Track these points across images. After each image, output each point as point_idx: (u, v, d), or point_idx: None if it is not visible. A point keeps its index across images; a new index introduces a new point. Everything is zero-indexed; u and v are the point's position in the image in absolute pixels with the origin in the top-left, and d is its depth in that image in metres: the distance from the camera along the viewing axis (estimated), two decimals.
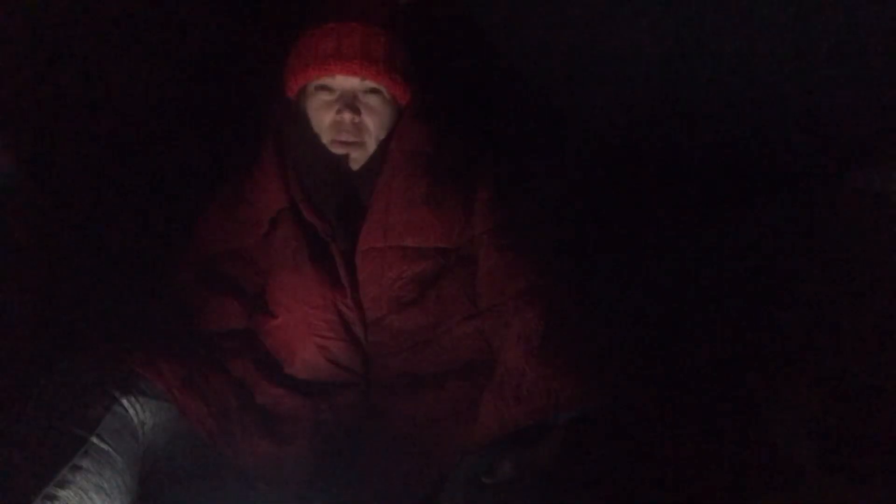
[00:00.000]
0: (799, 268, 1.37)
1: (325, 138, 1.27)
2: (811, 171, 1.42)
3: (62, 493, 0.96)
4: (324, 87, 1.27)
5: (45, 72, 1.22)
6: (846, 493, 1.05)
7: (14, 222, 1.16)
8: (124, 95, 1.37)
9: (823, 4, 1.20)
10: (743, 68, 1.33)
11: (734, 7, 1.24)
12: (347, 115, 1.24)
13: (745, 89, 1.37)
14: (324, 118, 1.27)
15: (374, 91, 1.27)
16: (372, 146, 1.28)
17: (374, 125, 1.27)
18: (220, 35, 1.46)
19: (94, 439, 1.01)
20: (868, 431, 1.13)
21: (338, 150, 1.27)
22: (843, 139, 1.39)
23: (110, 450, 1.02)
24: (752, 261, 1.43)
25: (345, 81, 1.26)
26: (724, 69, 1.34)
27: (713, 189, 1.49)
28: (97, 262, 1.32)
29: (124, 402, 1.06)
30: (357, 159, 1.28)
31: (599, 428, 1.02)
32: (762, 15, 1.23)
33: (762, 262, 1.42)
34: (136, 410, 1.08)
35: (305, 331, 1.21)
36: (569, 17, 1.38)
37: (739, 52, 1.30)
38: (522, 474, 0.99)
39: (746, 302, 1.38)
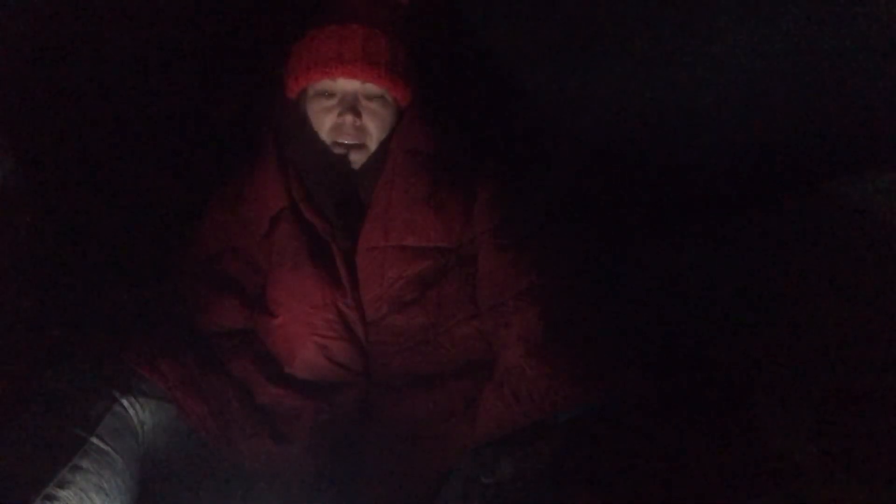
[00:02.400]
0: (799, 270, 1.37)
1: (326, 139, 1.27)
2: (810, 176, 1.42)
3: (62, 493, 0.96)
4: (325, 89, 1.27)
5: (45, 72, 1.22)
6: (846, 493, 1.05)
7: (14, 222, 1.16)
8: (124, 95, 1.37)
9: (811, 16, 1.20)
10: (735, 78, 1.33)
11: (728, 13, 1.25)
12: (349, 118, 1.24)
13: (738, 98, 1.37)
14: (325, 120, 1.27)
15: (375, 93, 1.27)
16: (373, 147, 1.28)
17: (375, 127, 1.27)
18: (222, 35, 1.46)
19: (94, 439, 1.01)
20: (868, 431, 1.13)
21: (338, 151, 1.27)
22: (832, 148, 1.39)
23: (110, 450, 1.03)
24: (752, 262, 1.43)
25: (346, 84, 1.26)
26: (721, 74, 1.34)
27: (712, 192, 1.49)
28: (97, 262, 1.32)
29: (124, 402, 1.07)
30: (358, 160, 1.28)
31: (599, 428, 1.02)
32: (754, 22, 1.24)
33: (762, 263, 1.42)
34: (136, 410, 1.08)
35: (306, 330, 1.21)
36: (569, 20, 1.38)
37: (732, 60, 1.30)
38: (522, 474, 0.99)
39: (746, 302, 1.38)
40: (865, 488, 1.04)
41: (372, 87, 1.27)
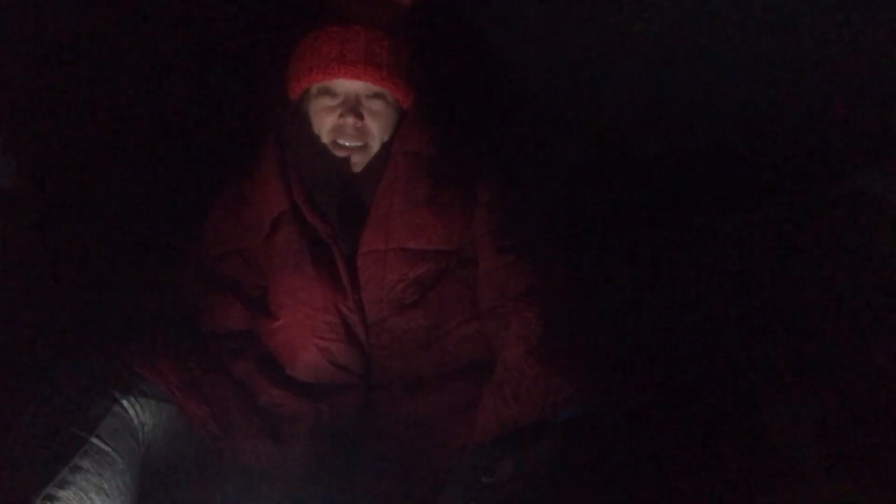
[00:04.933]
0: (800, 269, 1.37)
1: (327, 140, 1.27)
2: (812, 173, 1.42)
3: (62, 493, 0.96)
4: (327, 91, 1.27)
5: (46, 72, 1.22)
6: (846, 493, 1.05)
7: (14, 222, 1.16)
8: (125, 96, 1.37)
9: (821, 7, 1.20)
10: (740, 72, 1.33)
11: (732, 9, 1.25)
12: (350, 120, 1.24)
13: (743, 92, 1.37)
14: (326, 121, 1.27)
15: (377, 95, 1.27)
16: (374, 149, 1.28)
17: (377, 128, 1.27)
18: (223, 36, 1.46)
19: (95, 440, 1.01)
20: (868, 431, 1.13)
21: (339, 153, 1.27)
22: (842, 141, 1.39)
23: (110, 450, 1.02)
24: (754, 262, 1.43)
25: (348, 85, 1.26)
26: (721, 72, 1.34)
27: (714, 191, 1.49)
28: (98, 263, 1.32)
29: (125, 402, 1.07)
30: (359, 161, 1.28)
31: (599, 427, 1.01)
32: (759, 17, 1.24)
33: (763, 262, 1.42)
34: (137, 411, 1.08)
35: (307, 332, 1.21)
36: (570, 23, 1.38)
37: (737, 54, 1.30)
38: (522, 474, 0.99)
39: (747, 302, 1.38)
40: (865, 488, 1.04)
41: (374, 89, 1.27)
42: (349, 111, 1.25)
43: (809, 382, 1.24)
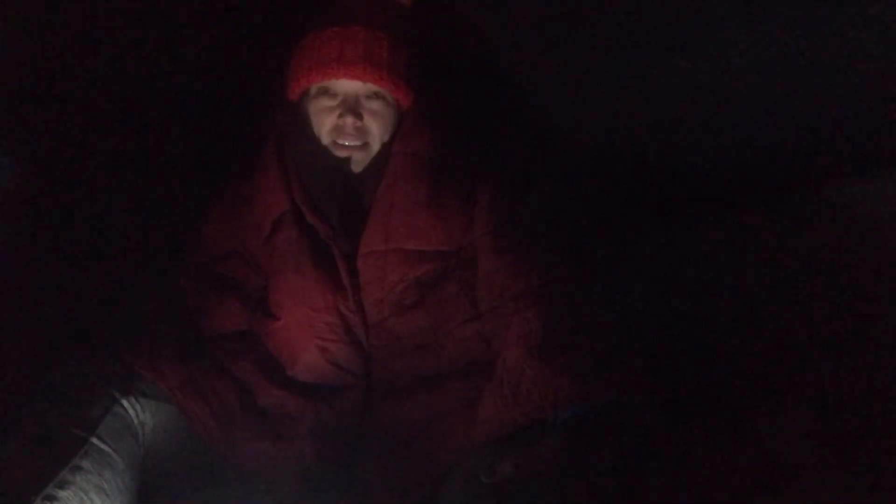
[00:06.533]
0: (799, 270, 1.37)
1: (327, 140, 1.27)
2: (815, 175, 1.42)
3: (62, 493, 0.96)
4: (326, 91, 1.27)
5: (47, 73, 1.22)
6: (846, 493, 1.05)
7: (15, 223, 1.16)
8: (126, 96, 1.37)
9: (805, 20, 1.21)
10: (730, 80, 1.34)
11: (730, 13, 1.25)
12: (350, 120, 1.25)
13: (732, 101, 1.37)
14: (326, 121, 1.27)
15: (376, 95, 1.27)
16: (375, 149, 1.28)
17: (376, 128, 1.27)
18: (223, 37, 1.46)
19: (95, 440, 1.02)
20: (867, 432, 1.13)
21: (339, 153, 1.27)
22: (823, 152, 1.40)
23: (110, 451, 1.03)
24: (751, 264, 1.43)
25: (347, 85, 1.26)
26: (711, 81, 1.35)
27: (713, 191, 1.50)
28: (98, 263, 1.32)
29: (125, 402, 1.07)
30: (359, 162, 1.28)
31: (598, 427, 1.01)
32: (755, 22, 1.24)
33: (761, 265, 1.42)
34: (137, 411, 1.08)
35: (307, 333, 1.21)
36: (570, 23, 1.38)
37: (733, 59, 1.31)
38: (522, 474, 0.99)
39: (745, 303, 1.38)
40: (865, 488, 1.04)
41: (373, 89, 1.27)
42: (348, 111, 1.25)
43: (808, 382, 1.24)
